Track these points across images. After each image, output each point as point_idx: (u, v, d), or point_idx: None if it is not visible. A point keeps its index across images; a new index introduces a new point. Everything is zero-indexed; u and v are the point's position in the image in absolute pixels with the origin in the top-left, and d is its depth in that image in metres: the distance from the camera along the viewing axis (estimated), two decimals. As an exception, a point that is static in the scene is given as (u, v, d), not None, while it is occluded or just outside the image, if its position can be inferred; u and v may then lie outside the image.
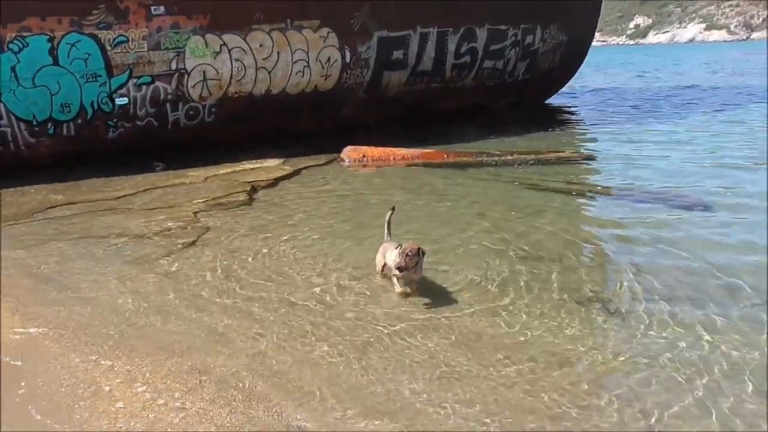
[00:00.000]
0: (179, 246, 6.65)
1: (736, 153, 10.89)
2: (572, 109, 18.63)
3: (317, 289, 5.33)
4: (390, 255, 5.10)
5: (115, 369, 4.08)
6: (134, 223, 7.58)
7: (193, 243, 6.74)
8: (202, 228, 7.29)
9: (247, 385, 3.86)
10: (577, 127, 15.67)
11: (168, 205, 8.46)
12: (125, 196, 9.01)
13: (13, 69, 9.57)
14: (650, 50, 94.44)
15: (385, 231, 5.57)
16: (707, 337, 4.41)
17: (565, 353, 4.23)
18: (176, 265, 6.08)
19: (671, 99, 20.51)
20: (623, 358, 4.16)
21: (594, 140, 13.56)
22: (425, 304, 4.98)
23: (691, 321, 4.64)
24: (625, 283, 5.39)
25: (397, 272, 4.92)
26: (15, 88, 9.66)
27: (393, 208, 5.66)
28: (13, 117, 9.87)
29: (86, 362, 4.18)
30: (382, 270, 5.34)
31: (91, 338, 4.53)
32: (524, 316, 4.78)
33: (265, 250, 6.39)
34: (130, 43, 10.31)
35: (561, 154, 10.91)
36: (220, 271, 5.85)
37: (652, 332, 4.49)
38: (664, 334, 4.46)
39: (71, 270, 6.00)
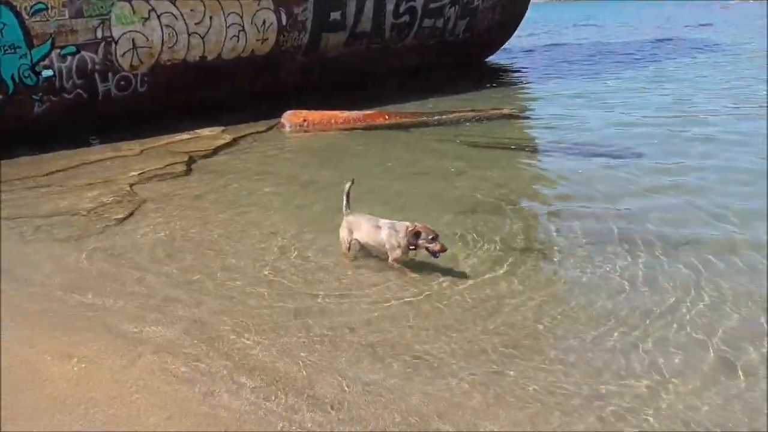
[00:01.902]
0: (115, 220, 6.48)
1: (662, 102, 11.29)
2: (512, 67, 18.78)
3: (256, 257, 5.30)
4: (385, 234, 4.82)
5: (50, 346, 3.99)
6: (67, 200, 7.32)
7: (129, 216, 6.57)
8: (139, 201, 7.11)
9: (188, 352, 3.85)
10: (517, 84, 15.86)
11: (103, 179, 8.18)
12: (57, 172, 8.66)
13: None
14: (589, 6, 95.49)
15: (344, 203, 5.21)
16: (626, 284, 4.64)
17: (502, 299, 4.38)
18: (112, 239, 5.93)
19: (607, 55, 20.86)
20: (555, 300, 4.35)
21: (533, 97, 13.78)
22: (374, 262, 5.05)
23: (613, 265, 4.87)
24: (557, 231, 5.60)
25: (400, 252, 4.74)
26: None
27: (352, 180, 5.31)
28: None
29: (20, 342, 4.07)
30: (349, 248, 5.10)
31: (24, 318, 4.40)
32: (465, 267, 4.90)
33: (204, 221, 6.30)
34: (49, 10, 9.74)
35: (501, 111, 11.04)
36: (157, 243, 5.74)
37: (579, 275, 4.70)
38: (590, 277, 4.67)
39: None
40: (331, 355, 3.79)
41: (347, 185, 5.25)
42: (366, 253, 5.16)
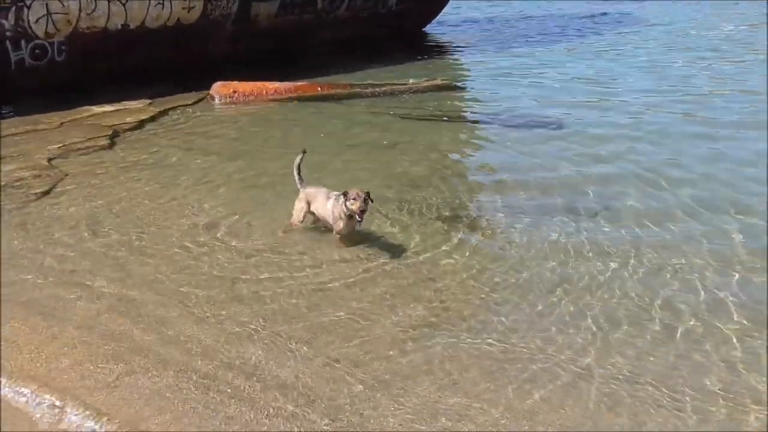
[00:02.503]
0: (33, 195, 6.19)
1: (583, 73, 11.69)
2: (447, 39, 18.88)
3: (182, 233, 5.21)
4: (330, 203, 4.78)
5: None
6: (-21, 176, 6.92)
7: (48, 192, 6.29)
8: (59, 175, 6.80)
9: (110, 328, 3.77)
10: (449, 57, 15.97)
11: (19, 153, 7.76)
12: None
13: None
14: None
15: (296, 176, 5.11)
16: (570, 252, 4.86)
17: (436, 269, 4.50)
18: (31, 215, 5.68)
19: (541, 26, 21.26)
20: (486, 270, 4.50)
21: (466, 68, 13.93)
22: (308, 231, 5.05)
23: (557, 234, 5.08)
24: (487, 202, 5.77)
25: (357, 218, 4.59)
26: None
27: (304, 151, 5.19)
28: None
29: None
30: (303, 220, 5.05)
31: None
32: (405, 241, 4.98)
33: (127, 195, 6.12)
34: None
35: (434, 83, 11.11)
36: (77, 218, 5.54)
37: (511, 248, 4.88)
38: (519, 249, 4.86)
39: None
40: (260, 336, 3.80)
41: (298, 157, 5.14)
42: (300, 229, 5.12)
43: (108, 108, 10.04)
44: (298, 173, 5.13)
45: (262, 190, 6.09)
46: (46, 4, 10.10)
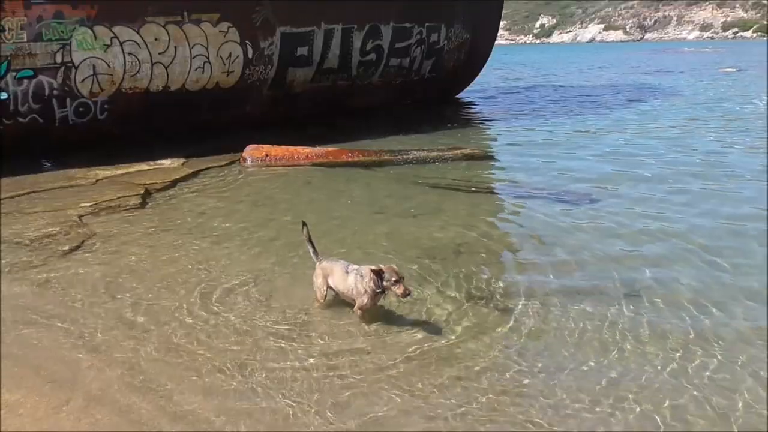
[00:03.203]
0: (60, 252, 6.25)
1: (624, 149, 11.57)
2: (477, 106, 19.13)
3: (203, 299, 5.14)
4: (352, 279, 4.60)
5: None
6: (13, 228, 7.04)
7: (74, 250, 6.34)
8: (87, 233, 6.88)
9: (119, 400, 3.66)
10: (480, 123, 16.10)
11: (52, 208, 7.92)
12: (4, 199, 8.35)
13: None
14: (554, 49, 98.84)
15: (310, 250, 4.97)
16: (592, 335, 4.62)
17: (455, 350, 4.29)
18: (54, 273, 5.70)
19: (573, 98, 21.46)
20: (508, 353, 4.28)
21: (495, 137, 13.98)
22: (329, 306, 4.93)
23: (576, 316, 4.85)
24: (516, 279, 5.58)
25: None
26: None
27: (303, 224, 5.01)
28: None
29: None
30: (325, 297, 4.86)
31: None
32: (426, 316, 4.81)
33: (150, 257, 6.11)
34: (6, 32, 9.54)
35: (463, 151, 11.15)
36: (98, 279, 5.53)
37: (535, 325, 4.66)
38: (547, 328, 4.63)
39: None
40: (271, 407, 3.65)
41: (304, 231, 5.01)
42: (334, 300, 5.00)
43: (143, 166, 10.29)
44: (312, 246, 4.97)
45: (287, 257, 6.04)
46: (93, 65, 10.55)
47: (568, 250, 6.24)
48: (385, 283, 4.45)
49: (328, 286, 4.85)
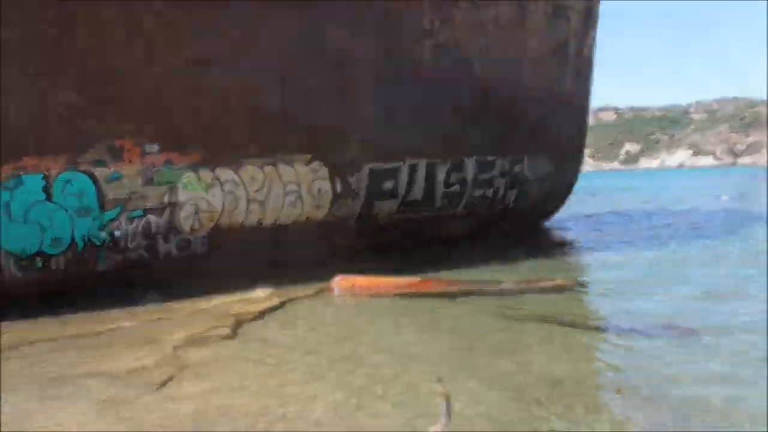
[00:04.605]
0: (153, 385, 6.35)
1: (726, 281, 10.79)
2: (564, 235, 18.77)
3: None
4: None
5: None
6: (109, 361, 7.31)
7: (167, 382, 6.45)
8: (179, 366, 7.01)
9: None
10: (570, 252, 15.70)
11: (147, 340, 8.21)
12: (104, 332, 8.77)
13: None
14: (642, 175, 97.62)
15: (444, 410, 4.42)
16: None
17: None
18: (146, 406, 5.76)
19: (678, 225, 20.51)
20: None
21: (587, 266, 13.52)
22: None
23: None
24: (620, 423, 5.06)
25: None
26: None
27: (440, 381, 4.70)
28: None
29: None
30: None
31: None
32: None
33: (242, 393, 6.08)
34: (124, 179, 10.56)
35: (554, 282, 10.78)
36: (186, 416, 5.52)
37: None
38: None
39: (30, 414, 5.68)
40: None
41: (440, 392, 4.58)
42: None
43: (234, 297, 10.62)
44: (448, 413, 4.42)
45: (377, 392, 5.85)
46: (196, 204, 11.38)
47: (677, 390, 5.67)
48: None
49: None
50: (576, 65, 17.69)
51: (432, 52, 14.02)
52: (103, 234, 10.54)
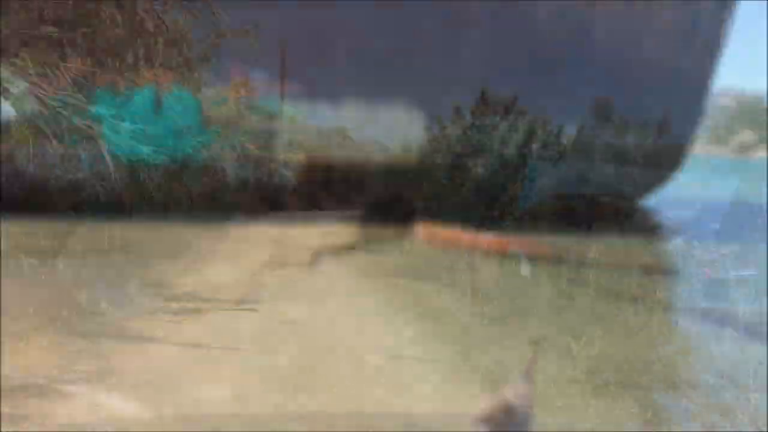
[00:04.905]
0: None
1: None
2: (668, 218, 17.52)
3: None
4: None
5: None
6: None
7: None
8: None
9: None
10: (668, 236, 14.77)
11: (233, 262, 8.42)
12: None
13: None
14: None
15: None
16: None
17: None
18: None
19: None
20: None
21: (681, 252, 12.63)
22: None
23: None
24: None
25: None
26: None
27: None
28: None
29: None
30: None
31: None
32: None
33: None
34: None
35: (643, 261, 10.25)
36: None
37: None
38: None
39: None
40: None
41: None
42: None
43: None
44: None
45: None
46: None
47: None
48: None
49: None
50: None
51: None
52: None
